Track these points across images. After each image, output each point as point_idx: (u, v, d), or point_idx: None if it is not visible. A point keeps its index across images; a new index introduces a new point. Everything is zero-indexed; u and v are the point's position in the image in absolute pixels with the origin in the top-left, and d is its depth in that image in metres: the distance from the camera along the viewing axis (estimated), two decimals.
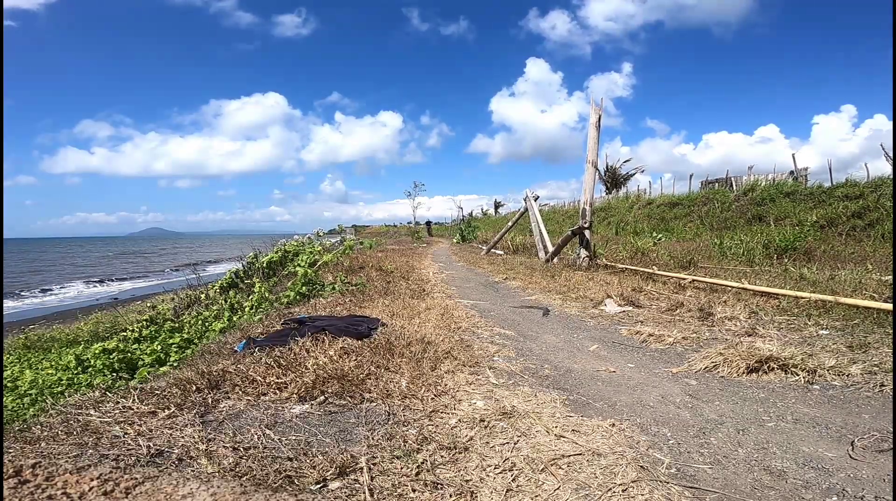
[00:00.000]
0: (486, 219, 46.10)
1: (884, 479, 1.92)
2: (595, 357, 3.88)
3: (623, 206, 24.43)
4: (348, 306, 5.46)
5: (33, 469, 1.66)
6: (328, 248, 8.59)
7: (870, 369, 3.21)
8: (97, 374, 5.35)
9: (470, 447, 2.11)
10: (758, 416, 2.62)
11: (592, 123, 10.99)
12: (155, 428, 2.16)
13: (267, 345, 3.47)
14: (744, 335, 4.26)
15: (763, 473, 1.99)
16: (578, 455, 2.07)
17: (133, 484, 1.64)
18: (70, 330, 9.69)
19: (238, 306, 6.64)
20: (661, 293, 6.53)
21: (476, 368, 3.31)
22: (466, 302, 6.38)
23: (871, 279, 6.42)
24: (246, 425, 2.26)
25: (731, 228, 15.60)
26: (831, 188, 15.32)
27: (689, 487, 1.85)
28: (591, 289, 6.93)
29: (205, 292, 8.35)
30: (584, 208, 10.78)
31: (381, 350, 3.42)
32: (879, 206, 12.31)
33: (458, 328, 4.58)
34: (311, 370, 2.95)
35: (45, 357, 7.41)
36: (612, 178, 33.20)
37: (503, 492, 1.76)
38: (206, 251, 60.89)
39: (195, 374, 2.85)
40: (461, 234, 27.22)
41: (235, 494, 1.63)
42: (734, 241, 11.72)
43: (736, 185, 20.33)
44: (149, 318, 7.19)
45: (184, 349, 5.67)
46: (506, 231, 17.91)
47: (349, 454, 1.96)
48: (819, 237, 11.71)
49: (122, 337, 6.43)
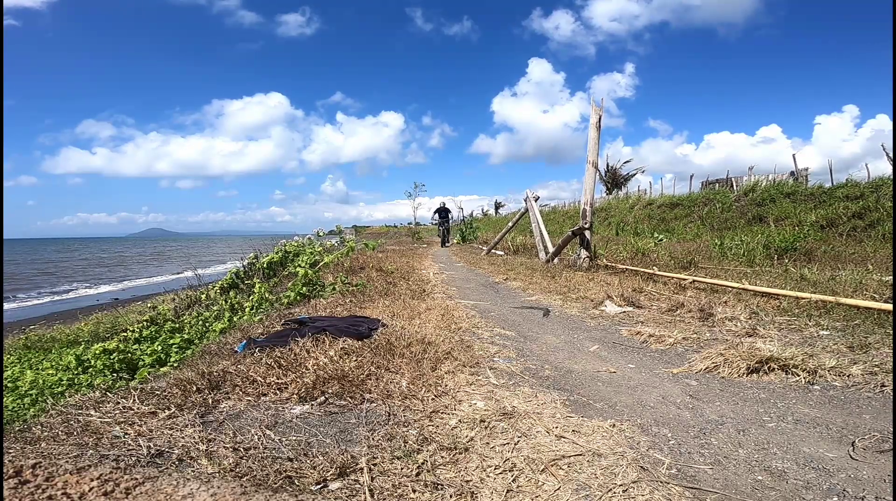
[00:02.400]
0: (487, 219, 46.04)
1: (884, 480, 1.92)
2: (595, 358, 3.87)
3: (623, 206, 24.42)
4: (349, 306, 5.46)
5: (33, 469, 1.66)
6: (329, 249, 8.59)
7: (870, 369, 3.21)
8: (97, 374, 5.35)
9: (470, 447, 2.11)
10: (758, 416, 2.61)
11: (593, 123, 10.99)
12: (155, 429, 2.16)
13: (267, 346, 3.47)
14: (744, 336, 4.26)
15: (764, 473, 1.99)
16: (579, 455, 2.07)
17: (133, 485, 1.64)
18: (70, 330, 9.69)
19: (238, 307, 6.64)
20: (662, 294, 6.52)
21: (476, 368, 3.31)
22: (467, 303, 6.38)
23: (872, 280, 6.42)
24: (246, 425, 2.26)
25: (731, 228, 15.58)
26: (832, 189, 15.31)
27: (690, 487, 1.85)
28: (592, 290, 6.92)
29: (205, 292, 8.36)
30: (585, 208, 10.78)
31: (382, 351, 3.42)
32: (880, 206, 12.30)
33: (458, 328, 4.58)
34: (311, 370, 2.95)
35: (46, 358, 7.41)
36: (612, 178, 33.21)
37: (503, 493, 1.76)
38: (206, 252, 60.94)
39: (195, 374, 2.85)
40: (461, 234, 27.22)
41: (235, 494, 1.63)
42: (734, 241, 11.70)
43: (736, 185, 20.32)
44: (149, 318, 7.19)
45: (184, 350, 5.68)
46: (506, 232, 17.90)
47: (349, 454, 1.96)
48: (819, 238, 11.70)
49: (122, 337, 6.44)
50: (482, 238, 25.20)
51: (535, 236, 14.46)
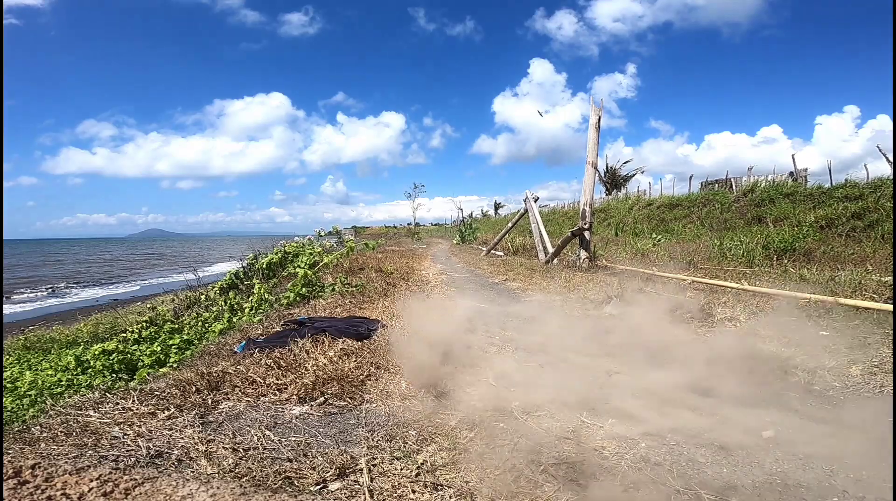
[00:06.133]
0: (486, 220, 46.02)
1: (884, 480, 1.92)
2: (595, 358, 3.87)
3: (623, 207, 24.42)
4: (348, 307, 5.46)
5: (33, 469, 1.66)
6: (328, 249, 8.58)
7: (870, 369, 3.21)
8: (97, 375, 5.34)
9: (470, 448, 2.11)
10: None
11: (592, 123, 11.00)
12: (154, 429, 2.15)
13: (267, 346, 3.47)
14: (744, 336, 4.26)
15: (764, 473, 1.99)
16: (579, 455, 2.06)
17: (132, 485, 1.63)
18: (69, 331, 9.67)
19: (238, 308, 6.63)
20: (662, 294, 6.53)
21: (476, 369, 3.31)
22: (466, 303, 6.38)
23: (871, 280, 6.42)
24: (246, 426, 2.26)
25: (730, 229, 15.58)
26: (831, 189, 15.32)
27: (689, 489, 1.84)
28: (592, 290, 6.93)
29: (204, 293, 8.35)
30: (584, 209, 10.79)
31: (381, 351, 3.42)
32: (879, 207, 12.31)
33: (457, 329, 4.58)
34: (310, 371, 2.95)
35: (45, 358, 7.40)
36: (612, 179, 33.20)
37: (504, 493, 1.75)
38: (206, 252, 60.92)
39: (195, 375, 2.85)
40: (461, 235, 27.24)
41: (235, 495, 1.62)
42: (734, 242, 11.71)
43: (735, 186, 20.33)
44: (148, 319, 7.18)
45: (183, 351, 5.67)
46: (505, 232, 17.90)
47: (349, 455, 1.96)
48: (818, 238, 11.70)
49: (121, 338, 6.43)
50: (481, 239, 25.22)
51: (535, 236, 14.46)
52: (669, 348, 3.69)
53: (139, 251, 71.31)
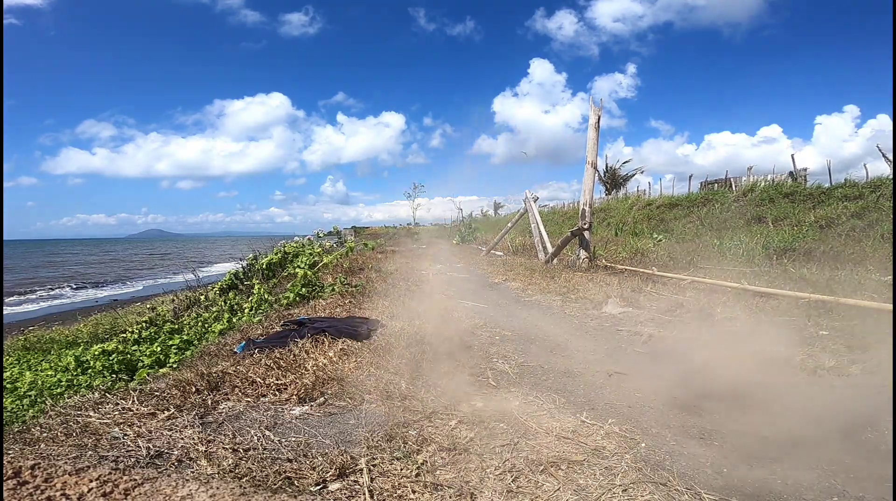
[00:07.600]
0: (486, 220, 45.91)
1: (884, 480, 1.92)
2: (595, 358, 3.87)
3: (623, 207, 24.42)
4: (348, 307, 5.46)
5: (32, 470, 1.66)
6: (328, 249, 8.58)
7: (870, 369, 3.21)
8: (96, 375, 5.34)
9: (470, 448, 2.10)
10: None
11: (592, 123, 11.00)
12: (154, 430, 2.15)
13: (267, 347, 3.47)
14: (744, 336, 4.26)
15: (765, 473, 1.99)
16: (579, 455, 2.06)
17: (132, 486, 1.63)
18: (69, 332, 9.67)
19: (238, 308, 6.63)
20: (661, 294, 6.53)
21: (476, 369, 3.31)
22: (466, 303, 6.38)
23: (871, 280, 6.42)
24: (246, 426, 2.26)
25: (730, 228, 15.58)
26: (830, 189, 15.33)
27: (690, 489, 1.84)
28: (591, 290, 6.93)
29: (204, 293, 8.35)
30: (584, 208, 10.79)
31: (381, 352, 3.42)
32: (879, 206, 12.32)
33: (457, 329, 4.58)
34: (310, 371, 2.95)
35: (45, 359, 7.40)
36: (611, 179, 33.16)
37: (504, 493, 1.75)
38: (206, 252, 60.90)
39: (195, 375, 2.84)
40: (461, 235, 27.23)
41: (235, 495, 1.62)
42: (734, 242, 11.71)
43: (735, 185, 20.34)
44: (148, 319, 7.17)
45: (183, 351, 5.67)
46: (505, 232, 17.90)
47: (349, 455, 1.96)
48: (818, 238, 11.70)
49: (121, 339, 6.42)
50: (481, 239, 25.20)
51: (535, 236, 14.46)
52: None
53: (139, 252, 71.24)
